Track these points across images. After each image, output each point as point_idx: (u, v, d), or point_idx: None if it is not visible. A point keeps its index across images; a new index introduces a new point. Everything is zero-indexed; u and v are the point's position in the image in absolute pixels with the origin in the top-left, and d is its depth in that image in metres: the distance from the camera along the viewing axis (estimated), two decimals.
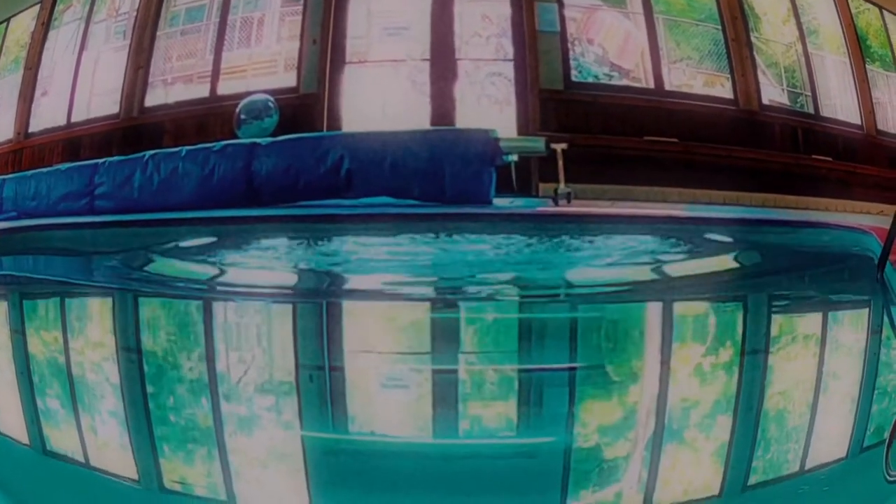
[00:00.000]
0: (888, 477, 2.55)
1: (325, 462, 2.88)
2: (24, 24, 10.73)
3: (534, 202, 8.76)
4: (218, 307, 5.58)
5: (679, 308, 5.35)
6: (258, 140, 8.69)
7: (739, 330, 4.76)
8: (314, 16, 9.52)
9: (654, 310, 5.34)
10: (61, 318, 5.18)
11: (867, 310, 5.22)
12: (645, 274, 6.03)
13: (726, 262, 6.80)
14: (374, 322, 5.00)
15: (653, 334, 4.76)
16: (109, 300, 5.68)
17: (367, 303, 5.48)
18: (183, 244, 7.37)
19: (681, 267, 6.34)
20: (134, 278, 6.16)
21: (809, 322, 4.93)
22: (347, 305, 5.55)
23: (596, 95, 9.57)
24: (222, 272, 6.38)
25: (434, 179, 8.27)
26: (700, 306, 5.38)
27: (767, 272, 6.48)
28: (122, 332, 4.83)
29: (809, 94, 10.32)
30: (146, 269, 6.52)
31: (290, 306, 5.46)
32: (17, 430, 3.05)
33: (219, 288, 5.92)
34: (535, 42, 9.44)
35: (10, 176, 9.54)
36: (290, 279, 6.08)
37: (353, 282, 6.07)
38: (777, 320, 5.04)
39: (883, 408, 3.27)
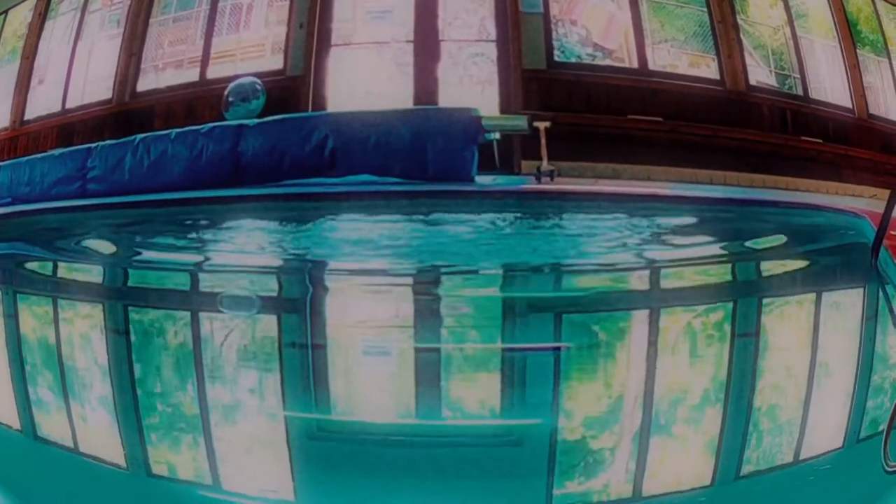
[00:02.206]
0: (887, 467, 2.48)
1: (311, 444, 2.87)
2: (21, 16, 10.89)
3: (516, 180, 8.81)
4: (201, 286, 5.64)
5: (667, 292, 5.29)
6: (245, 122, 8.78)
7: (731, 317, 4.67)
8: (301, 0, 9.65)
9: (641, 294, 5.26)
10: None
11: (862, 296, 5.09)
12: (632, 257, 5.98)
13: (715, 244, 6.77)
14: (355, 305, 4.93)
15: (641, 318, 4.67)
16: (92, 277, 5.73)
17: (348, 286, 5.45)
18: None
19: (668, 249, 6.27)
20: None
21: (803, 308, 4.84)
22: (330, 287, 5.52)
23: (579, 75, 9.50)
24: (205, 250, 6.46)
25: (417, 158, 8.27)
26: (688, 291, 5.30)
27: (759, 256, 6.46)
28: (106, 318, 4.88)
29: (798, 76, 10.28)
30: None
31: (271, 292, 5.45)
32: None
33: (203, 266, 5.97)
34: (518, 23, 9.53)
35: (5, 162, 9.65)
36: (270, 263, 6.01)
37: (334, 263, 6.08)
38: (770, 307, 4.91)
39: (881, 397, 3.20)
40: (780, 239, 7.08)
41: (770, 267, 6.04)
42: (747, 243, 6.85)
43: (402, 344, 4.13)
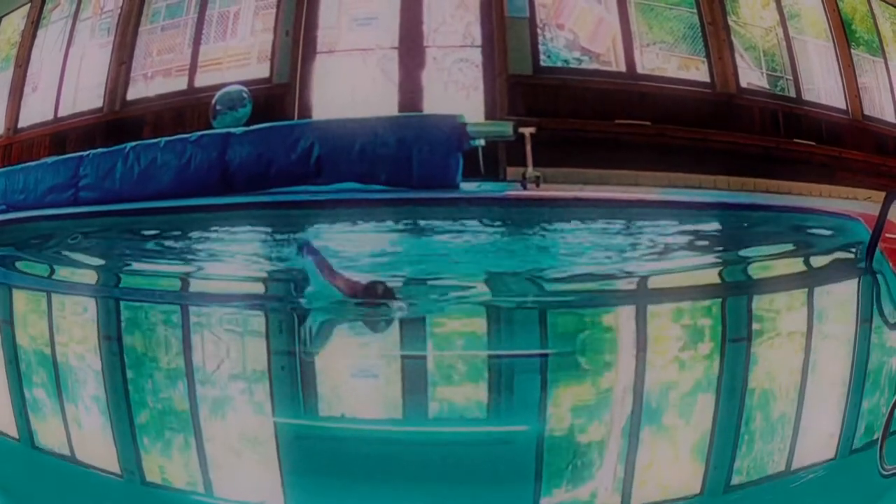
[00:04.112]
0: (883, 471, 2.45)
1: (301, 451, 2.87)
2: (14, 24, 10.94)
3: (501, 186, 8.78)
4: (185, 298, 5.62)
5: (659, 298, 5.22)
6: (232, 130, 8.79)
7: (723, 322, 4.65)
8: (287, 8, 9.66)
9: (629, 301, 5.18)
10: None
11: (857, 299, 5.07)
12: (620, 262, 5.88)
13: (707, 249, 6.72)
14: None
15: (629, 325, 4.64)
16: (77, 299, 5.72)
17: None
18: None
19: (658, 255, 6.25)
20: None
21: (798, 313, 4.79)
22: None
23: (565, 80, 9.45)
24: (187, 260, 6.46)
25: (401, 165, 8.23)
26: (680, 296, 5.21)
27: (753, 260, 6.42)
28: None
29: (790, 77, 10.22)
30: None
31: (257, 305, 5.43)
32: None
33: (187, 279, 5.98)
34: (504, 28, 9.49)
35: (0, 170, 9.75)
36: (257, 275, 5.99)
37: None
38: (764, 311, 4.90)
39: (876, 400, 3.17)
40: (773, 243, 7.03)
41: (764, 271, 5.98)
42: (739, 248, 6.81)
43: (389, 353, 4.12)
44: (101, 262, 6.59)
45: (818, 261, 6.17)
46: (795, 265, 6.11)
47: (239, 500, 2.56)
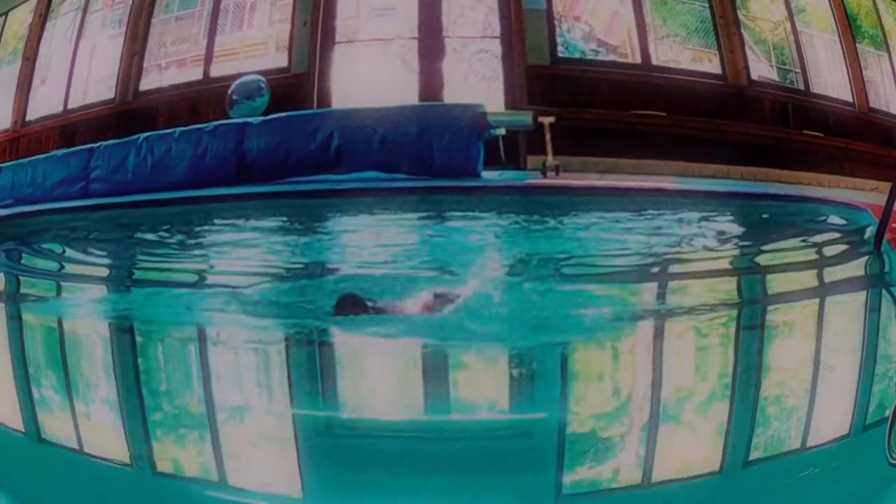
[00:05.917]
0: (891, 459, 2.51)
1: (324, 441, 2.91)
2: (21, 17, 10.86)
3: (522, 175, 8.85)
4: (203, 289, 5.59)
5: (672, 287, 5.35)
6: (249, 120, 8.76)
7: (735, 313, 4.68)
8: None
9: (646, 293, 5.28)
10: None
11: (864, 289, 5.11)
12: (636, 253, 5.95)
13: (720, 238, 6.75)
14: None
15: (646, 317, 4.62)
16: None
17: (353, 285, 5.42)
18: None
19: (673, 245, 6.30)
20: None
21: (806, 302, 4.83)
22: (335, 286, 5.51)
23: (582, 70, 9.57)
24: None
25: (422, 154, 8.28)
26: (693, 285, 5.35)
27: (761, 249, 6.45)
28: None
29: (799, 70, 10.35)
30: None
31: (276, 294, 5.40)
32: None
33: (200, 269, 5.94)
34: (522, 19, 9.56)
35: (8, 164, 9.62)
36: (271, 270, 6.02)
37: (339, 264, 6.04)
38: (773, 302, 4.98)
39: (885, 390, 3.23)
40: (783, 231, 7.06)
41: (772, 261, 6.03)
42: (752, 237, 6.84)
43: (409, 344, 4.13)
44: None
45: (827, 250, 6.21)
46: (804, 255, 6.15)
47: (258, 492, 2.57)
